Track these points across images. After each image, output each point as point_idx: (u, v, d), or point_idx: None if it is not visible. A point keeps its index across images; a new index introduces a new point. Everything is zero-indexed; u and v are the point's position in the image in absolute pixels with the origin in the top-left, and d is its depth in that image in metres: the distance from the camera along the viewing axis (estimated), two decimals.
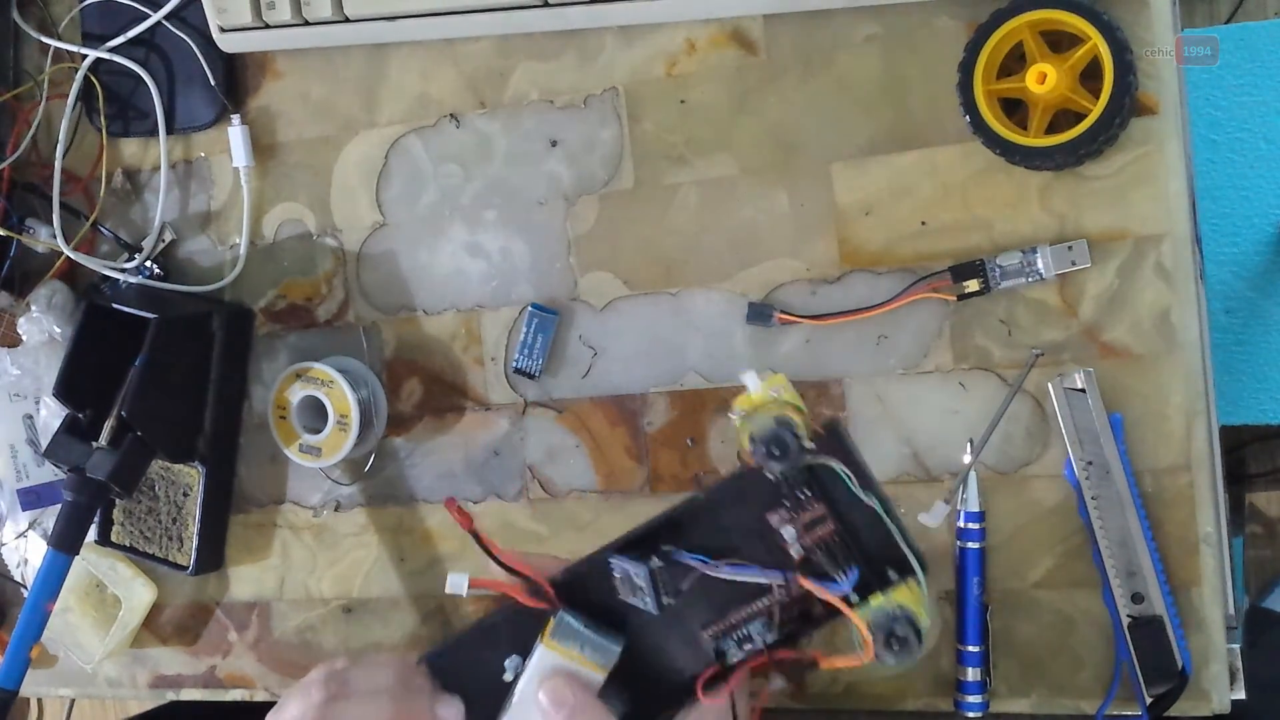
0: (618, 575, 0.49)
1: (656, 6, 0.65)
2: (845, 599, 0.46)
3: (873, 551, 0.47)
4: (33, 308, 0.80)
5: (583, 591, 0.49)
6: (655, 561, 0.48)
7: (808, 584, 0.47)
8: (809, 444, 0.46)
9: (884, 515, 0.47)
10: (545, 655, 0.47)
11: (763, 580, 0.48)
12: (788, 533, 0.47)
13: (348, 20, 0.70)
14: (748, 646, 0.48)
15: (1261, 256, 1.05)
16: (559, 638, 0.47)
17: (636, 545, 0.49)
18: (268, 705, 0.52)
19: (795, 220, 0.65)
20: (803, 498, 0.47)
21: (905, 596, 0.46)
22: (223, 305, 0.77)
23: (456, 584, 0.49)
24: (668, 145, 0.67)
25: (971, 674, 0.62)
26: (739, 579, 0.48)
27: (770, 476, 0.47)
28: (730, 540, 0.48)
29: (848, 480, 0.47)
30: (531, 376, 0.71)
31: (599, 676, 0.47)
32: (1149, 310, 0.59)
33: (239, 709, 0.83)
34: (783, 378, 0.47)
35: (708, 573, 0.48)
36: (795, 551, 0.47)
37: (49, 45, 0.80)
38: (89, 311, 0.75)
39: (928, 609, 0.46)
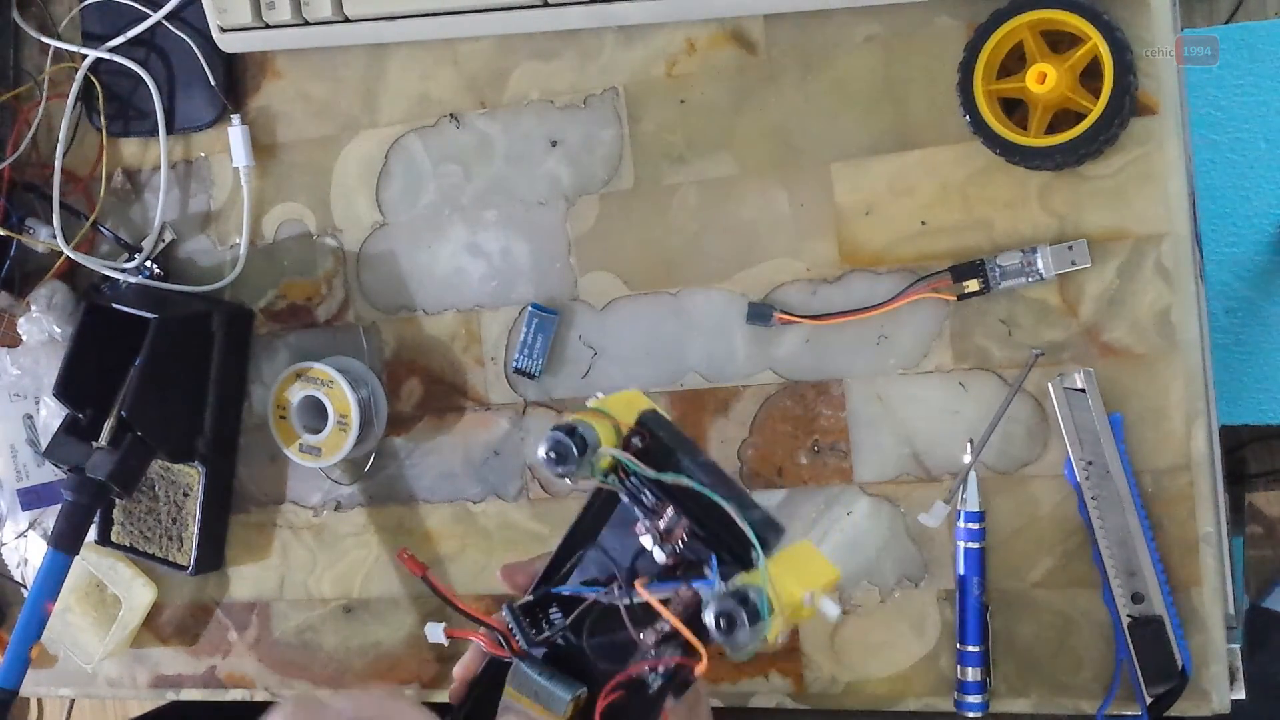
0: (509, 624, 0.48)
1: (656, 6, 0.65)
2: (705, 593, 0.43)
3: (734, 536, 0.43)
4: (33, 308, 0.80)
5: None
6: (524, 599, 0.47)
7: (642, 591, 0.44)
8: (608, 445, 0.44)
9: (704, 490, 0.43)
10: (506, 701, 0.47)
11: (626, 600, 0.45)
12: (646, 541, 0.45)
13: (348, 20, 0.70)
14: (660, 669, 0.45)
15: (1261, 256, 1.05)
16: (515, 685, 0.47)
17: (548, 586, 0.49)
18: (268, 705, 0.52)
19: (795, 220, 0.65)
20: (649, 503, 0.45)
21: (755, 580, 0.42)
22: (223, 305, 0.77)
23: (434, 633, 0.49)
24: (668, 145, 0.67)
25: (971, 674, 0.62)
26: (596, 602, 0.46)
27: (616, 491, 0.46)
28: (614, 565, 0.47)
29: (630, 463, 0.44)
30: (531, 376, 0.71)
31: None
32: (1149, 310, 0.59)
33: (241, 709, 0.83)
34: (632, 392, 0.46)
35: (601, 601, 0.46)
36: (659, 558, 0.45)
37: (49, 45, 0.80)
38: (89, 311, 0.75)
39: (768, 580, 0.41)
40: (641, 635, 0.44)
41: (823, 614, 0.42)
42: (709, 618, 0.41)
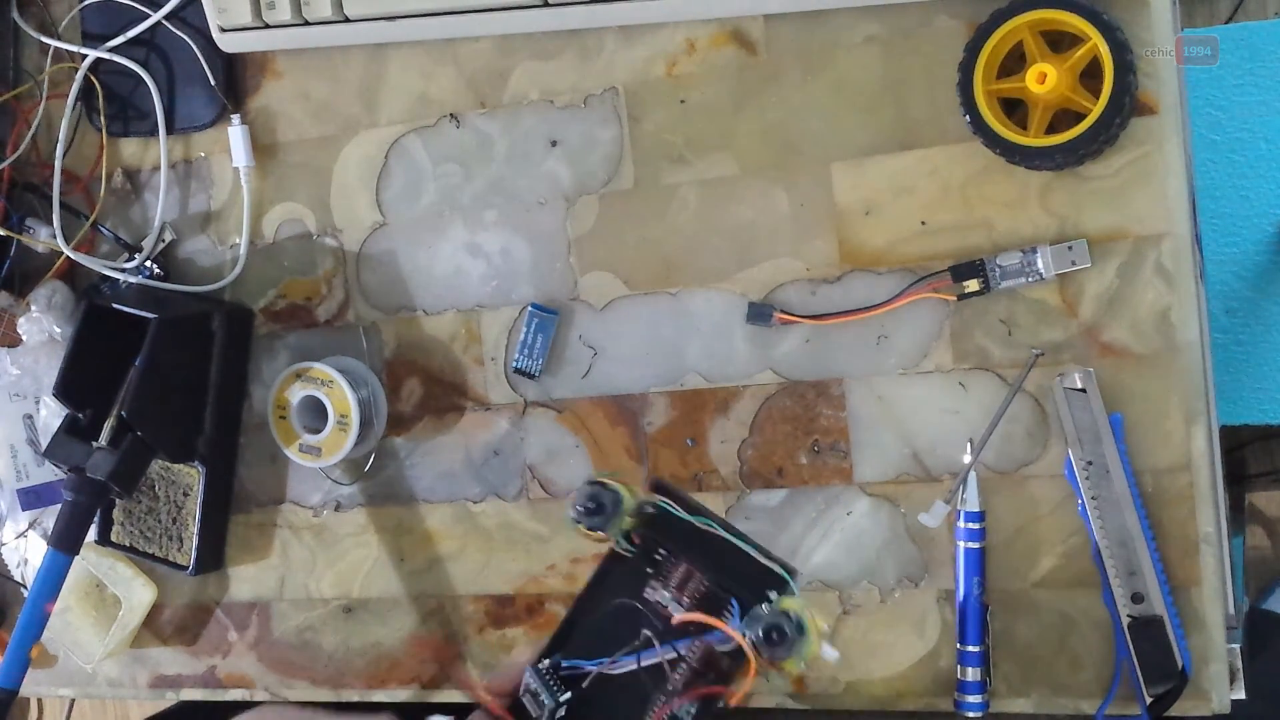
0: (523, 695, 0.48)
1: (656, 6, 0.65)
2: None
3: (749, 581, 0.46)
4: (33, 308, 0.80)
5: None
6: (543, 664, 0.48)
7: (692, 617, 0.46)
8: (629, 501, 0.47)
9: (729, 536, 0.47)
10: None
11: (656, 658, 0.47)
12: (663, 597, 0.47)
13: (348, 20, 0.70)
14: (691, 701, 0.46)
15: (1261, 256, 1.05)
16: None
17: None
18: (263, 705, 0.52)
19: (795, 220, 0.65)
20: (661, 559, 0.47)
21: (788, 605, 0.45)
22: (223, 305, 0.77)
23: None
24: (668, 145, 0.67)
25: (971, 674, 0.62)
26: (634, 667, 0.47)
27: (618, 550, 0.48)
28: (622, 631, 0.48)
29: (670, 508, 0.47)
30: (531, 376, 0.71)
31: None
32: (1149, 310, 0.59)
33: (246, 709, 0.82)
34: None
35: (607, 671, 0.47)
36: (677, 613, 0.47)
37: (49, 45, 0.80)
38: (89, 311, 0.75)
39: (805, 606, 0.45)
40: (667, 685, 0.46)
41: (824, 658, 0.45)
42: (758, 632, 0.44)
